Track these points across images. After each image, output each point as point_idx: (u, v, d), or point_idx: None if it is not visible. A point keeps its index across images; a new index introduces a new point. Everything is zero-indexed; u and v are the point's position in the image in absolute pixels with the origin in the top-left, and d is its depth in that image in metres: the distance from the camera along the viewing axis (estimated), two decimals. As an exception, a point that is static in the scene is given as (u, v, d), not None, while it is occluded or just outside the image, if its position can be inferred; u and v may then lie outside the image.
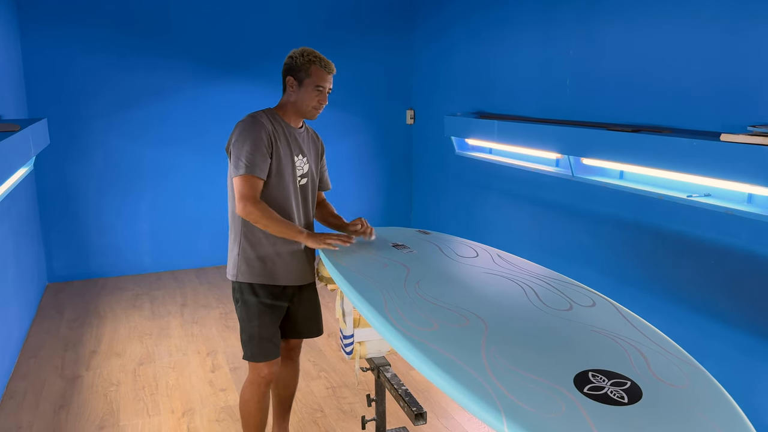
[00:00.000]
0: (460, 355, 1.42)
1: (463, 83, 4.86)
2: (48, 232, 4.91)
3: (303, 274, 2.39)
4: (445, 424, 2.92)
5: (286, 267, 2.33)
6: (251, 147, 2.18)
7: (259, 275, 2.31)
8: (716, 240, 2.80)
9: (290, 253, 2.32)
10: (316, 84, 2.26)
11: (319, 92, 2.28)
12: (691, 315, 2.94)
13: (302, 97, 2.29)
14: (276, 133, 2.27)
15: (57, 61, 4.71)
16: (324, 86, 2.28)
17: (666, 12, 2.98)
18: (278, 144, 2.27)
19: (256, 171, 2.18)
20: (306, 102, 2.29)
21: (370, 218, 5.83)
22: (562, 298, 1.77)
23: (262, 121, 2.26)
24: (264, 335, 2.32)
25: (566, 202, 3.77)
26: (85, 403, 3.13)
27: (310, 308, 2.51)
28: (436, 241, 2.45)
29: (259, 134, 2.21)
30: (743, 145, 2.43)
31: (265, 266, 2.30)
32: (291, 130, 2.34)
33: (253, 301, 2.32)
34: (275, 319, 2.36)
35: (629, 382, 1.31)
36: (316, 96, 2.28)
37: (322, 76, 2.27)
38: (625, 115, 3.26)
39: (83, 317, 4.27)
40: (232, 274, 2.35)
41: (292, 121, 2.35)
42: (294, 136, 2.34)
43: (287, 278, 2.35)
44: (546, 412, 1.21)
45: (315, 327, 2.55)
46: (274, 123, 2.30)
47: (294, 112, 2.33)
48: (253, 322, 2.32)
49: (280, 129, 2.30)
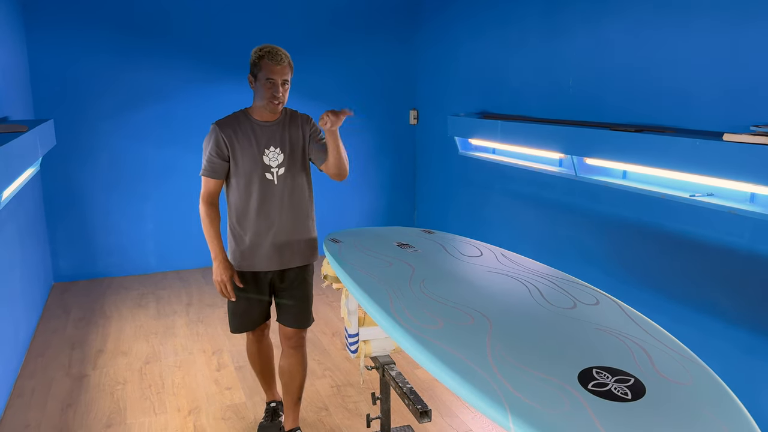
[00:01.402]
0: (466, 352, 1.44)
1: (467, 83, 4.87)
2: (54, 232, 4.94)
3: (280, 259, 2.54)
4: (450, 422, 2.94)
5: (264, 256, 2.52)
6: (207, 153, 2.46)
7: (240, 264, 2.54)
8: (719, 239, 2.81)
9: (265, 243, 2.51)
10: (266, 77, 2.35)
11: (271, 84, 2.35)
12: (694, 314, 2.96)
13: (258, 91, 2.40)
14: (237, 135, 2.43)
15: (62, 62, 4.74)
16: (274, 78, 2.35)
17: (669, 13, 2.99)
18: (237, 144, 2.42)
19: (207, 173, 2.47)
20: (261, 95, 2.39)
21: (373, 218, 5.85)
22: (566, 296, 1.79)
23: (220, 127, 2.43)
24: (236, 312, 2.63)
25: (569, 202, 3.78)
26: (92, 401, 3.16)
27: (294, 297, 2.62)
28: (441, 241, 2.47)
29: (212, 143, 2.44)
30: (746, 145, 2.44)
31: (243, 257, 2.53)
32: (259, 126, 2.46)
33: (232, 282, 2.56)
34: (250, 301, 2.60)
35: (633, 379, 1.33)
36: (269, 89, 2.36)
37: (271, 69, 2.33)
38: (629, 115, 3.28)
39: (89, 317, 4.30)
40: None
41: (262, 117, 2.47)
42: (263, 131, 2.46)
43: (264, 265, 2.53)
44: (551, 408, 1.23)
45: (297, 316, 2.64)
46: (237, 124, 2.45)
47: (260, 107, 2.45)
48: (229, 301, 2.62)
49: (244, 128, 2.45)
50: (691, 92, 2.91)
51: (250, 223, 2.50)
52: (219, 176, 2.49)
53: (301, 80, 5.31)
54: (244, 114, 2.49)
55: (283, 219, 2.52)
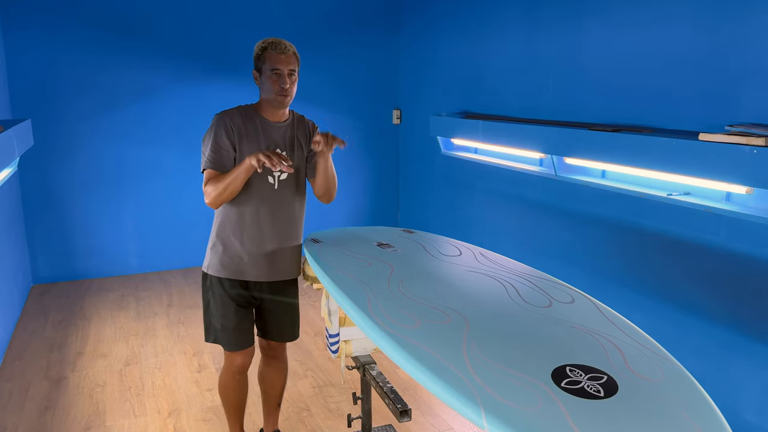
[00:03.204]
0: (442, 351, 1.44)
1: (449, 83, 4.89)
2: (32, 233, 4.88)
3: (271, 270, 2.39)
4: (431, 422, 2.95)
5: (254, 264, 2.35)
6: (211, 144, 2.25)
7: (228, 271, 2.36)
8: (696, 237, 2.85)
9: (258, 253, 2.35)
10: (271, 68, 2.23)
11: (276, 76, 2.23)
12: (672, 311, 2.99)
13: (264, 85, 2.27)
14: (245, 128, 2.28)
15: (40, 61, 4.68)
16: (279, 68, 2.23)
17: (646, 13, 3.02)
18: (245, 139, 2.26)
19: (215, 166, 2.25)
20: (267, 89, 2.26)
21: (357, 218, 5.85)
22: (542, 295, 1.81)
23: (228, 115, 2.28)
24: (228, 326, 2.39)
25: (550, 201, 3.81)
26: (70, 404, 3.13)
27: (282, 311, 2.48)
28: (421, 240, 2.48)
29: (219, 129, 2.25)
30: (721, 145, 2.47)
31: (233, 263, 2.35)
32: (267, 125, 2.32)
33: (219, 292, 2.38)
34: (240, 312, 2.40)
35: (606, 376, 1.35)
36: (275, 81, 2.24)
37: (275, 58, 2.22)
38: (607, 115, 3.31)
39: (68, 318, 4.25)
40: (204, 266, 2.43)
41: (269, 115, 2.33)
42: (270, 131, 2.32)
43: (254, 274, 2.37)
44: (524, 406, 1.24)
45: (286, 331, 2.52)
46: (246, 118, 2.29)
47: (267, 104, 2.31)
48: (217, 312, 2.40)
49: (252, 124, 2.29)
50: (668, 92, 2.95)
51: (244, 228, 2.32)
52: (225, 169, 2.25)
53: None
54: (253, 109, 2.34)
55: (280, 227, 2.37)
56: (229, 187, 2.20)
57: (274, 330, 2.52)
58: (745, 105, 2.59)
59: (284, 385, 2.67)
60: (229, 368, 2.48)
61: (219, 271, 2.37)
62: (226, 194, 2.22)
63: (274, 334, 2.52)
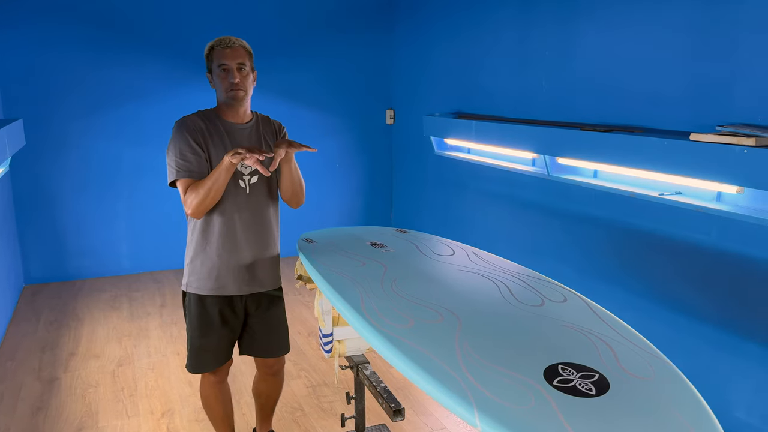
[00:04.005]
0: (434, 350, 1.45)
1: (443, 83, 4.90)
2: (24, 233, 4.85)
3: (252, 281, 2.29)
4: (425, 421, 2.95)
5: (235, 277, 2.25)
6: (176, 151, 2.14)
7: (207, 287, 2.25)
8: (687, 237, 2.86)
9: (236, 264, 2.25)
10: (218, 64, 2.15)
11: (225, 72, 2.15)
12: (664, 310, 3.01)
13: (216, 86, 2.20)
14: (209, 133, 2.18)
15: (31, 61, 4.66)
16: (227, 63, 2.14)
17: (638, 14, 3.04)
18: (211, 144, 2.17)
19: (189, 173, 2.13)
20: (219, 88, 2.18)
21: (351, 218, 5.85)
22: (534, 294, 1.82)
23: (189, 120, 2.19)
24: (204, 346, 2.29)
25: (542, 201, 3.83)
26: (63, 405, 3.12)
27: (270, 324, 2.39)
28: (414, 240, 2.48)
29: (183, 135, 2.14)
30: (712, 145, 2.49)
31: (212, 278, 2.24)
32: (230, 128, 2.22)
33: (199, 311, 2.27)
34: (222, 331, 2.29)
35: (597, 374, 1.36)
36: (224, 77, 2.15)
37: (221, 54, 2.14)
38: (599, 116, 3.33)
39: (61, 319, 4.23)
40: (183, 284, 2.32)
41: (230, 117, 2.24)
42: (235, 134, 2.22)
43: (235, 288, 2.27)
44: (516, 404, 1.25)
45: (275, 345, 2.42)
46: (208, 122, 2.20)
47: (225, 105, 2.22)
48: (195, 332, 2.28)
49: (215, 128, 2.20)
50: (660, 93, 2.96)
51: (219, 238, 2.22)
52: (198, 174, 2.14)
53: (276, 79, 5.31)
54: (213, 113, 2.24)
55: (255, 234, 2.27)
56: (211, 191, 2.10)
57: (266, 345, 2.41)
58: (736, 105, 2.61)
59: (280, 395, 2.62)
60: (208, 380, 2.40)
61: (198, 288, 2.26)
62: (209, 200, 2.11)
63: (266, 350, 2.41)
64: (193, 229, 2.26)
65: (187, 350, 2.34)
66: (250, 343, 2.41)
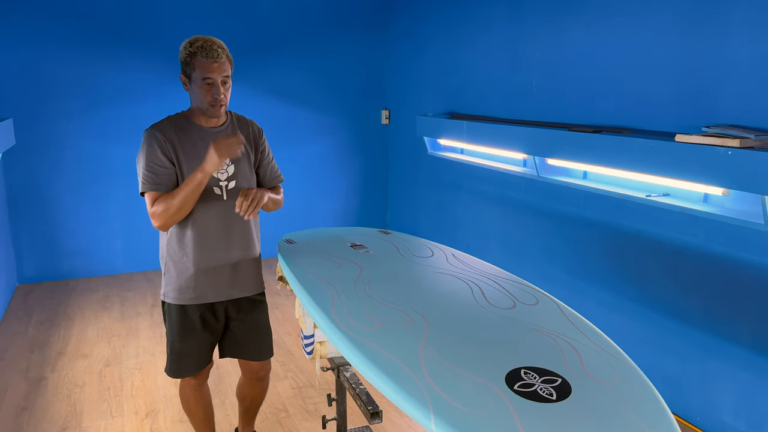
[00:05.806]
0: (397, 353, 1.43)
1: (436, 83, 4.88)
2: (17, 232, 4.86)
3: (232, 287, 2.24)
4: (409, 423, 2.93)
5: (214, 284, 2.20)
6: (145, 163, 2.07)
7: (187, 297, 2.19)
8: (674, 239, 2.84)
9: (214, 271, 2.18)
10: (202, 77, 2.01)
11: (209, 86, 2.03)
12: (652, 312, 2.98)
13: (195, 94, 2.06)
14: (181, 142, 2.09)
15: (23, 60, 4.66)
16: (212, 77, 2.01)
17: (627, 16, 3.01)
18: (182, 154, 2.08)
19: (155, 186, 2.06)
20: (199, 99, 2.06)
21: (346, 219, 5.84)
22: (507, 296, 1.80)
23: (158, 129, 2.09)
24: (184, 351, 2.24)
25: (532, 202, 3.80)
26: (48, 404, 3.11)
27: (252, 328, 2.33)
28: (395, 241, 2.47)
29: (151, 147, 2.06)
30: (697, 146, 2.46)
31: (190, 288, 2.18)
32: (204, 133, 2.13)
33: (180, 317, 2.22)
34: (202, 335, 2.25)
35: (560, 379, 1.34)
36: (207, 91, 2.03)
37: (207, 67, 2.00)
38: (589, 116, 3.30)
39: (52, 319, 4.24)
40: (161, 293, 2.27)
41: (203, 122, 2.14)
42: (209, 139, 2.11)
43: (215, 295, 2.21)
44: (474, 409, 1.23)
45: (258, 348, 2.36)
46: (179, 130, 2.10)
47: (199, 111, 2.11)
48: (175, 337, 2.23)
49: (187, 136, 2.10)
50: (647, 94, 2.94)
51: (195, 245, 2.15)
52: (166, 188, 2.06)
53: (269, 79, 5.30)
54: (185, 118, 2.14)
55: (234, 240, 2.20)
56: (182, 206, 2.03)
57: (249, 349, 2.35)
58: (723, 106, 2.59)
59: (264, 398, 2.58)
60: (188, 383, 2.37)
61: (177, 299, 2.20)
62: (178, 214, 2.05)
63: (249, 353, 2.36)
64: (169, 237, 2.19)
65: (167, 355, 2.29)
66: (231, 347, 2.36)
